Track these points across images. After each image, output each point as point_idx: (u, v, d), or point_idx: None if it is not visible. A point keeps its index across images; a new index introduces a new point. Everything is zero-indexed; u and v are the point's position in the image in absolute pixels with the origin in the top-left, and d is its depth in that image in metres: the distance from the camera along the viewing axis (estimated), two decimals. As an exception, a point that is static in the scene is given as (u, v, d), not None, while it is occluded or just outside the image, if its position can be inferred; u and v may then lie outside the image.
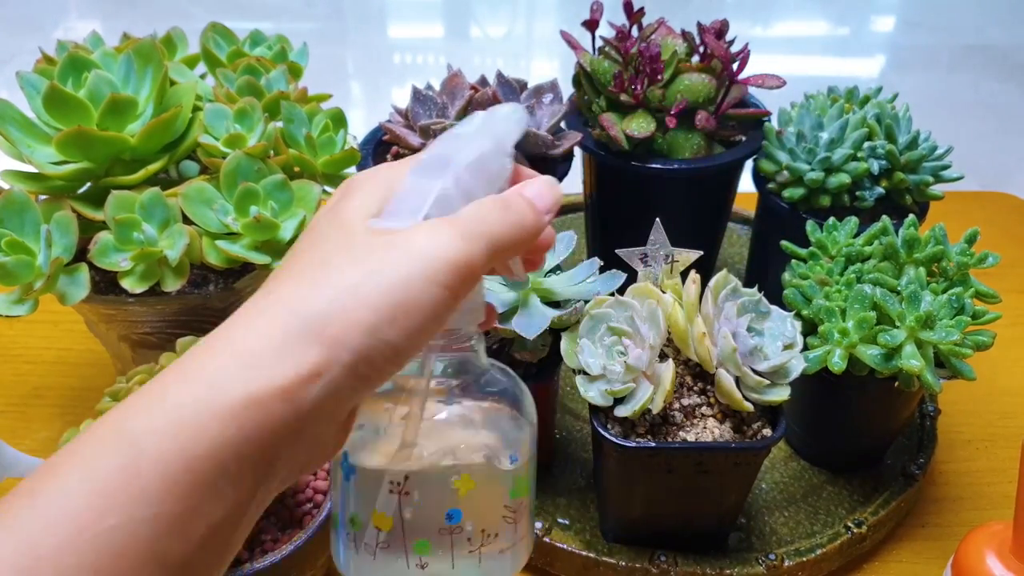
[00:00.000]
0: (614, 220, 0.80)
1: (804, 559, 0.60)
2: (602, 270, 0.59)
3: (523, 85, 0.72)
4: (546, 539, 0.61)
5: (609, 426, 0.54)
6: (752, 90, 0.76)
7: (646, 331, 0.52)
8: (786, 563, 0.60)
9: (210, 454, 0.25)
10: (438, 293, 0.28)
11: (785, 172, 0.71)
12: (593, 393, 0.54)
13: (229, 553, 0.28)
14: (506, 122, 0.34)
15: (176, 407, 0.26)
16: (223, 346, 0.27)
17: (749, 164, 0.76)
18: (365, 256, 0.29)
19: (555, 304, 0.58)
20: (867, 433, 0.66)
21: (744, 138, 0.75)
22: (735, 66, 0.71)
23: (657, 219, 0.56)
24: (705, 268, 0.66)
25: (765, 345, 0.54)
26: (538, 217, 0.32)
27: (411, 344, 0.28)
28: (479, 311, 0.35)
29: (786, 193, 0.71)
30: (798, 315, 0.59)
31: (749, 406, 0.53)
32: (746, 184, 0.77)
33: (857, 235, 0.65)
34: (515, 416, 0.38)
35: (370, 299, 0.27)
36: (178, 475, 0.25)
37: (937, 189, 0.72)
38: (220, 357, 0.27)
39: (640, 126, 0.71)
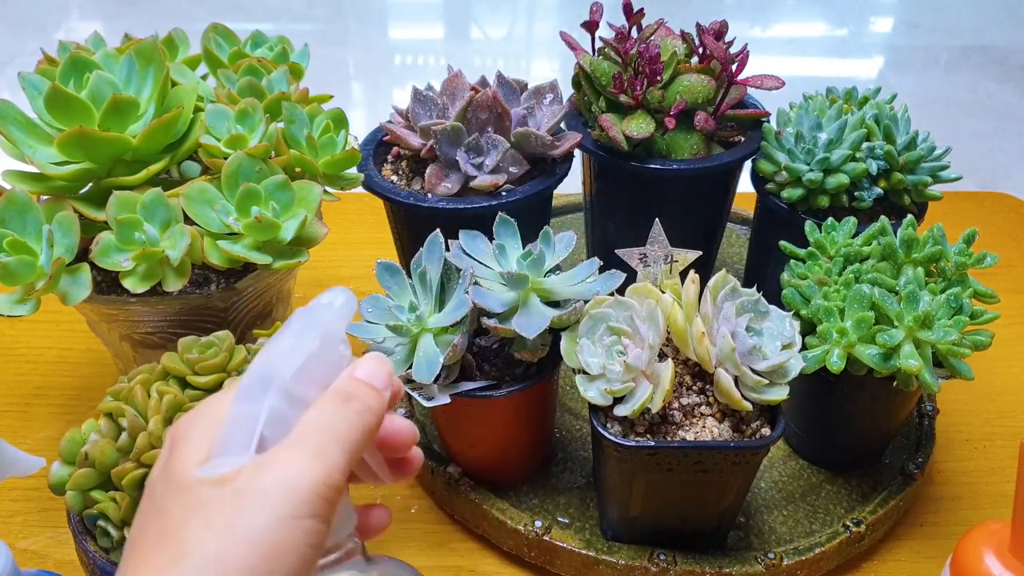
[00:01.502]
0: (614, 220, 0.80)
1: (803, 558, 0.61)
2: (602, 270, 0.59)
3: (523, 86, 0.72)
4: (546, 538, 0.61)
5: (609, 425, 0.54)
6: (751, 91, 0.77)
7: (645, 331, 0.53)
8: (785, 562, 0.60)
9: None
10: (310, 526, 0.27)
11: (784, 172, 0.71)
12: (593, 392, 0.54)
13: None
14: (329, 311, 0.31)
15: None
16: None
17: (748, 164, 0.76)
18: (218, 514, 0.26)
19: (555, 304, 0.58)
20: (866, 432, 0.67)
21: (743, 139, 0.76)
22: (734, 67, 0.72)
23: (656, 219, 0.56)
24: (704, 268, 0.67)
25: (764, 345, 0.54)
26: (380, 397, 0.30)
27: None
28: (350, 517, 0.33)
29: (785, 193, 0.71)
30: (797, 315, 0.60)
31: (748, 405, 0.53)
32: (745, 184, 0.78)
33: (856, 235, 0.65)
34: None
35: (240, 561, 0.26)
36: None
37: (935, 189, 0.72)
38: None
39: (639, 127, 0.71)
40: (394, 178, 0.73)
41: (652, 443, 0.53)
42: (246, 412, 0.29)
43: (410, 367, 0.55)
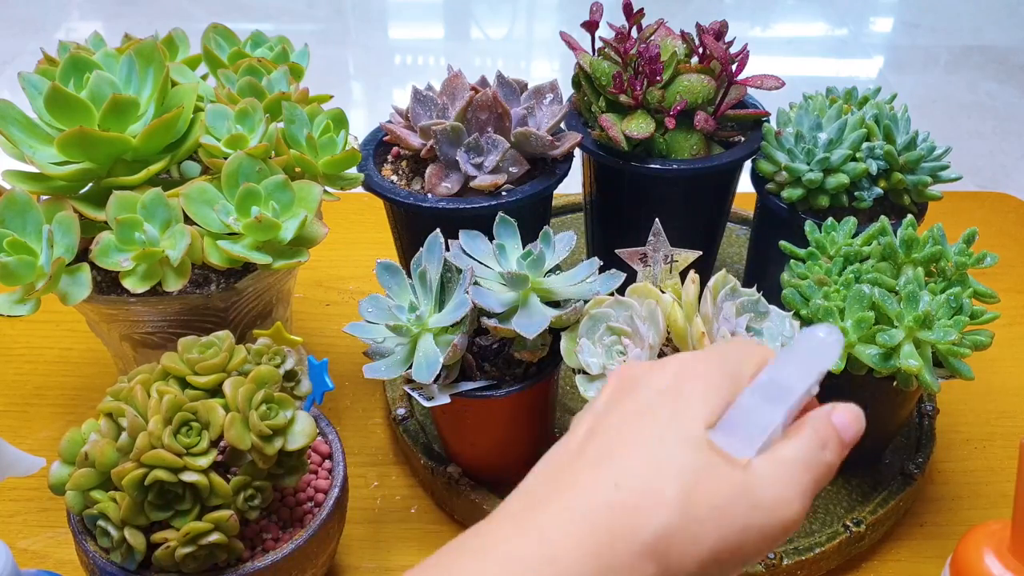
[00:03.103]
0: (614, 220, 0.80)
1: (803, 558, 0.61)
2: (602, 270, 0.59)
3: (523, 86, 0.72)
4: (546, 538, 0.61)
5: (609, 425, 0.54)
6: (751, 91, 0.77)
7: (645, 331, 0.53)
8: (785, 562, 0.60)
9: None
10: (764, 547, 0.29)
11: (784, 172, 0.71)
12: (593, 392, 0.54)
13: None
14: (831, 353, 0.32)
15: None
16: (578, 536, 0.27)
17: (748, 164, 0.76)
18: (714, 486, 0.28)
19: (555, 304, 0.58)
20: (865, 432, 0.66)
21: (743, 139, 0.76)
22: (734, 67, 0.72)
23: (656, 219, 0.56)
24: (704, 268, 0.67)
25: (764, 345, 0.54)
26: (843, 452, 0.32)
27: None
28: None
29: (785, 193, 0.71)
30: (797, 315, 0.60)
31: (748, 405, 0.53)
32: (745, 184, 0.78)
33: (855, 235, 0.65)
34: None
35: (711, 537, 0.28)
36: None
37: (935, 189, 0.72)
38: (577, 550, 0.27)
39: (639, 127, 0.71)
40: (394, 178, 0.73)
41: (652, 443, 0.53)
42: (763, 414, 0.31)
43: (410, 367, 0.55)
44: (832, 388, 0.62)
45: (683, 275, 0.55)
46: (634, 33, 0.74)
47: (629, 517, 0.27)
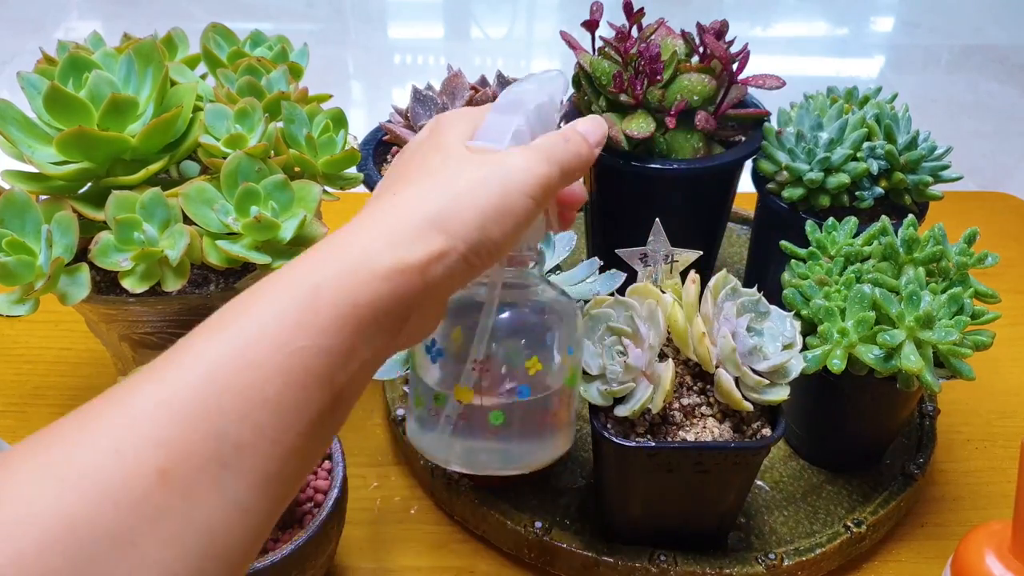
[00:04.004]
0: (614, 220, 0.80)
1: (803, 558, 0.61)
2: (602, 270, 0.59)
3: (523, 85, 0.72)
4: (546, 539, 0.61)
5: (609, 426, 0.54)
6: (752, 90, 0.77)
7: (646, 331, 0.53)
8: (785, 563, 0.60)
9: (368, 304, 0.32)
10: (529, 203, 0.36)
11: (784, 172, 0.71)
12: (593, 393, 0.54)
13: (356, 397, 0.34)
14: (554, 83, 0.43)
15: (342, 265, 0.32)
16: (368, 227, 0.34)
17: (749, 164, 0.76)
18: (472, 169, 0.36)
19: (555, 304, 0.58)
20: (866, 433, 0.67)
21: (744, 138, 0.76)
22: (735, 66, 0.72)
23: (657, 219, 0.56)
24: (705, 268, 0.66)
25: (764, 345, 0.54)
26: (591, 149, 0.41)
27: (507, 242, 0.36)
28: (541, 229, 0.45)
29: (785, 193, 0.71)
30: (797, 315, 0.59)
31: (748, 406, 0.53)
32: (746, 184, 0.77)
33: (856, 235, 0.65)
34: (569, 319, 0.47)
35: (480, 203, 0.35)
36: (347, 317, 0.32)
37: (936, 189, 0.72)
38: (368, 236, 0.34)
39: (640, 126, 0.71)
40: (394, 178, 0.72)
41: (652, 443, 0.53)
42: (502, 120, 0.39)
43: (410, 367, 0.54)
44: (832, 388, 0.62)
45: (683, 275, 0.55)
46: (634, 32, 0.74)
47: (406, 207, 0.35)
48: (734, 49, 0.72)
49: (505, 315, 0.45)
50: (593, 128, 0.41)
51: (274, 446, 0.30)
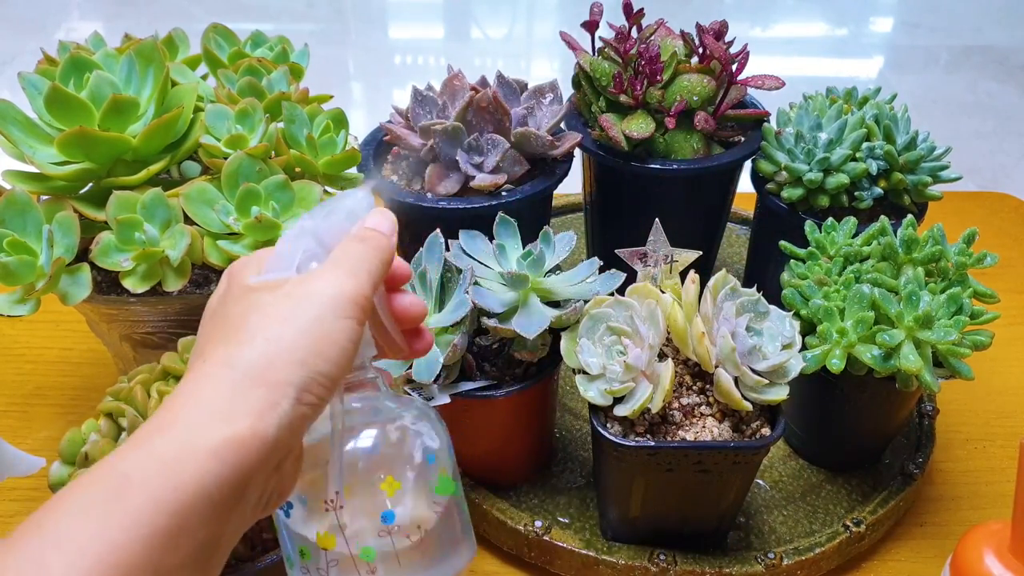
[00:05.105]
0: (614, 220, 0.80)
1: (803, 558, 0.61)
2: (602, 270, 0.59)
3: (523, 86, 0.72)
4: (546, 538, 0.61)
5: (608, 425, 0.54)
6: (751, 91, 0.77)
7: (645, 331, 0.53)
8: (785, 562, 0.60)
9: (194, 481, 0.29)
10: (347, 324, 0.34)
11: (784, 172, 0.71)
12: (593, 392, 0.54)
13: (214, 569, 0.32)
14: (352, 198, 0.39)
15: (161, 449, 0.30)
16: (189, 403, 0.32)
17: (748, 164, 0.76)
18: (273, 309, 0.33)
19: (555, 304, 0.58)
20: (866, 432, 0.67)
21: (743, 139, 0.76)
22: (734, 67, 0.72)
23: (656, 219, 0.56)
24: (704, 268, 0.67)
25: (764, 345, 0.54)
26: (388, 239, 0.38)
27: (339, 370, 0.33)
28: (370, 346, 0.41)
29: (785, 193, 0.71)
30: (797, 315, 0.60)
31: (748, 405, 0.53)
32: (745, 184, 0.78)
33: (855, 235, 0.65)
34: (427, 430, 0.42)
35: (295, 341, 0.32)
36: (166, 498, 0.29)
37: (935, 189, 0.72)
38: (190, 413, 0.31)
39: (639, 127, 0.71)
40: (394, 178, 0.73)
41: (652, 443, 0.53)
42: (288, 247, 0.37)
43: (410, 367, 0.55)
44: (832, 388, 0.63)
45: (683, 275, 0.55)
46: (634, 33, 0.74)
47: (218, 370, 0.32)
48: (733, 50, 0.72)
49: (351, 444, 0.40)
50: (380, 219, 0.38)
51: None
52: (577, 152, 0.74)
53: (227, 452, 0.30)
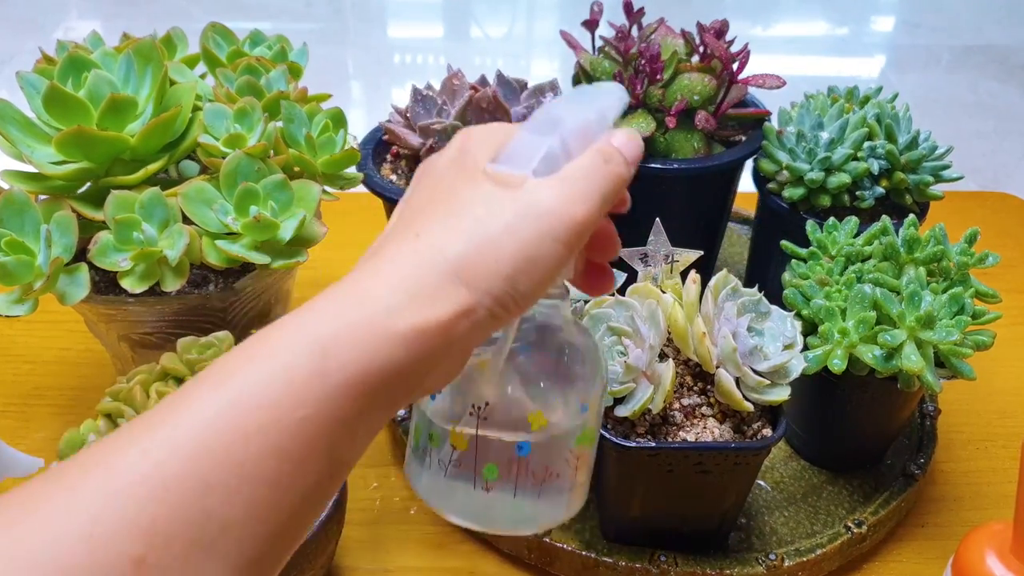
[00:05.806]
0: (614, 220, 0.79)
1: (804, 559, 0.60)
2: (602, 270, 0.59)
3: (523, 85, 0.72)
4: (546, 539, 0.61)
5: (609, 426, 0.54)
6: (752, 90, 0.77)
7: (646, 331, 0.52)
8: (786, 563, 0.60)
9: (381, 369, 0.29)
10: (561, 251, 0.32)
11: (785, 172, 0.71)
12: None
13: (356, 461, 0.32)
14: (610, 97, 0.37)
15: (357, 325, 0.29)
16: (387, 274, 0.31)
17: (749, 164, 0.76)
18: (502, 213, 0.32)
19: (555, 304, 0.58)
20: (867, 433, 0.66)
21: (744, 138, 0.75)
22: (735, 66, 0.71)
23: (657, 219, 0.55)
24: (705, 268, 0.66)
25: (765, 345, 0.54)
26: (629, 168, 0.36)
27: (536, 293, 0.32)
28: (569, 268, 0.40)
29: (786, 193, 0.71)
30: (798, 315, 0.59)
31: (749, 406, 0.53)
32: (746, 184, 0.77)
33: (857, 235, 0.65)
34: (588, 371, 0.42)
35: (508, 253, 0.31)
36: (356, 384, 0.29)
37: (937, 189, 0.72)
38: (386, 285, 0.30)
39: (640, 126, 0.71)
40: (394, 178, 0.72)
41: (653, 444, 0.53)
42: (532, 140, 0.34)
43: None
44: (833, 388, 0.62)
45: (684, 275, 0.55)
46: (634, 32, 0.74)
47: (429, 253, 0.31)
48: (734, 48, 0.72)
49: (519, 359, 0.40)
50: (628, 142, 0.36)
51: (263, 525, 0.27)
52: (577, 151, 0.74)
53: (415, 343, 0.30)
